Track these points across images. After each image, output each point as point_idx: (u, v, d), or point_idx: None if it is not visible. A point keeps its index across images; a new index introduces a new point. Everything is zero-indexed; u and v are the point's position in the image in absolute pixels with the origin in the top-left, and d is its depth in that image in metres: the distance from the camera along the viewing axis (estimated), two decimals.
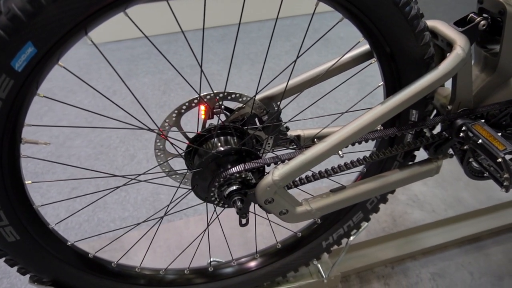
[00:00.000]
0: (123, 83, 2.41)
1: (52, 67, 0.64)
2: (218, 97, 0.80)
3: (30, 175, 1.82)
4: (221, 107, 0.82)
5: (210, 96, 0.80)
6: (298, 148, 0.89)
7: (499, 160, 0.75)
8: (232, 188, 0.78)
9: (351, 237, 1.09)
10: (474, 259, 1.32)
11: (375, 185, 0.89)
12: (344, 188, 0.88)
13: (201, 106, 0.81)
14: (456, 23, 0.83)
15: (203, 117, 0.83)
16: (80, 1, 0.56)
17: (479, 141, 0.78)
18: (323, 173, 0.85)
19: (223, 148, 0.79)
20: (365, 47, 0.85)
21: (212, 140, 0.81)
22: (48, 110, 2.23)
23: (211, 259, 1.08)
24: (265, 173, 0.84)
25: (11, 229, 0.75)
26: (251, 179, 0.80)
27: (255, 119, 0.87)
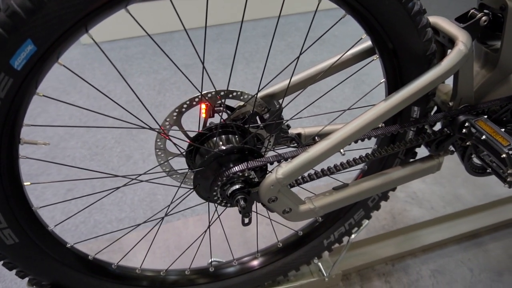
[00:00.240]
0: (117, 83, 2.40)
1: (52, 66, 0.63)
2: (220, 95, 0.79)
3: (24, 176, 1.77)
4: (223, 105, 0.81)
5: (211, 95, 0.79)
6: (300, 146, 0.88)
7: (503, 155, 0.75)
8: (235, 187, 0.78)
9: (352, 235, 1.09)
10: (473, 256, 1.32)
11: (378, 183, 0.88)
12: (346, 186, 0.87)
13: (201, 104, 0.80)
14: (457, 19, 0.83)
15: (203, 115, 0.82)
16: None
17: (483, 137, 0.78)
18: (325, 171, 0.84)
19: (225, 147, 0.78)
20: (367, 43, 0.85)
21: (214, 138, 0.81)
22: (42, 111, 2.20)
23: (211, 259, 1.07)
24: (267, 172, 0.83)
25: (9, 231, 0.74)
26: (254, 178, 0.79)
27: (256, 117, 0.86)
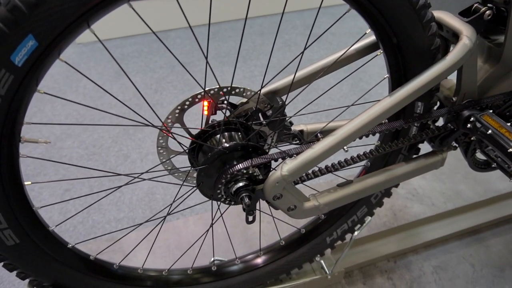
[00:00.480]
0: (113, 82, 2.38)
1: (53, 62, 0.62)
2: (223, 91, 0.78)
3: None
4: (226, 102, 0.80)
5: (214, 91, 0.78)
6: (303, 143, 0.87)
7: (510, 150, 0.74)
8: (239, 185, 0.77)
9: (355, 232, 1.08)
10: (475, 251, 1.32)
11: (382, 179, 0.88)
12: (351, 182, 0.86)
13: (204, 101, 0.79)
14: (461, 14, 0.83)
15: (206, 113, 0.81)
16: None
17: (489, 131, 0.78)
18: (330, 167, 0.83)
19: (228, 144, 0.77)
20: (370, 38, 0.84)
21: (217, 136, 0.79)
22: (38, 111, 2.17)
23: (213, 258, 1.06)
24: (271, 169, 0.82)
25: (10, 232, 0.72)
26: (258, 175, 0.78)
27: (259, 114, 0.85)
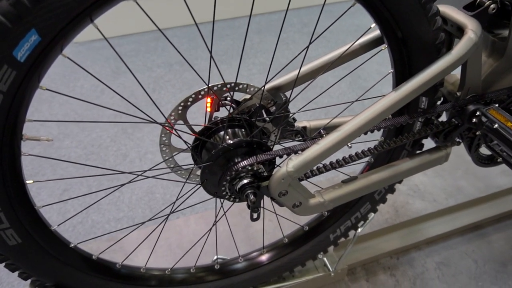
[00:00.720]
0: (111, 81, 2.36)
1: (55, 58, 0.61)
2: (227, 87, 0.77)
3: None
4: (230, 98, 0.79)
5: (217, 87, 0.77)
6: (306, 140, 0.86)
7: None
8: (244, 182, 0.76)
9: (359, 229, 1.07)
10: (477, 247, 1.32)
11: (386, 175, 0.87)
12: (355, 178, 0.86)
13: (207, 98, 0.78)
14: (465, 8, 0.82)
15: (209, 109, 0.80)
16: None
17: (495, 125, 0.77)
18: (334, 163, 0.83)
19: (232, 141, 0.76)
20: (375, 33, 0.83)
21: (221, 133, 0.79)
22: (35, 111, 2.15)
23: (216, 257, 1.05)
24: (276, 165, 0.82)
25: (12, 232, 0.71)
26: (263, 172, 0.78)
27: (262, 110, 0.84)
